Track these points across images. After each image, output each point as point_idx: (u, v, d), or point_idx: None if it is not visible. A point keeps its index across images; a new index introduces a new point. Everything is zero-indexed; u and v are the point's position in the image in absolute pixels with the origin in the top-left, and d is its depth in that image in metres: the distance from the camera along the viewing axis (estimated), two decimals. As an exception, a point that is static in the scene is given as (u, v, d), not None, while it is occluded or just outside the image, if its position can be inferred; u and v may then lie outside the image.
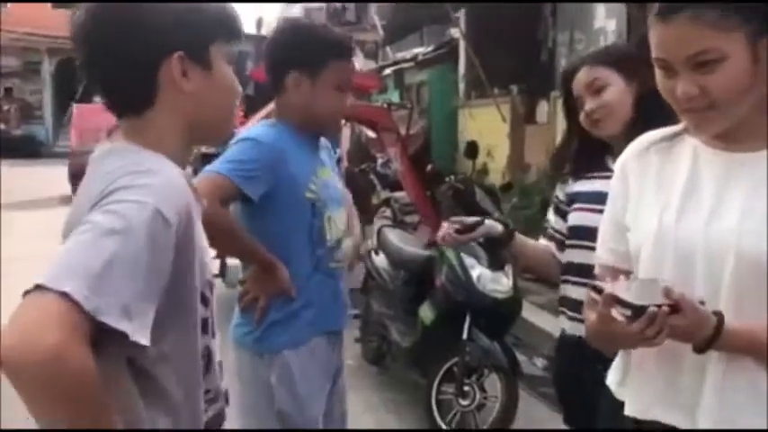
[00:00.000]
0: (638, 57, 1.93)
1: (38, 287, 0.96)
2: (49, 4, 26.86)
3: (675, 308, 1.18)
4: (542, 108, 8.28)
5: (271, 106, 2.79)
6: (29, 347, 0.93)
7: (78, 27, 1.18)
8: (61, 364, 0.94)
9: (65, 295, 0.95)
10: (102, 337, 1.00)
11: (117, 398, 1.08)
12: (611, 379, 1.46)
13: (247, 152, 1.92)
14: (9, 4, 26.53)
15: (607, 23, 7.12)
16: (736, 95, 1.22)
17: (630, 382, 1.38)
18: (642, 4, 6.32)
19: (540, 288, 6.07)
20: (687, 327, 1.19)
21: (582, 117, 1.95)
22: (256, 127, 2.11)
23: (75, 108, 9.05)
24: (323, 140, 2.16)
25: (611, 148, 1.94)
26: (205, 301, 1.20)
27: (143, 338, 1.02)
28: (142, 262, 1.02)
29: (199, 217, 1.20)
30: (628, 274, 1.37)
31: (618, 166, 1.47)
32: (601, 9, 7.17)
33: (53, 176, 13.26)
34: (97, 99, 1.34)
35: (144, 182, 1.08)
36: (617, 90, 1.92)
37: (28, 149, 22.74)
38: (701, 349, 1.22)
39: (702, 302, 1.21)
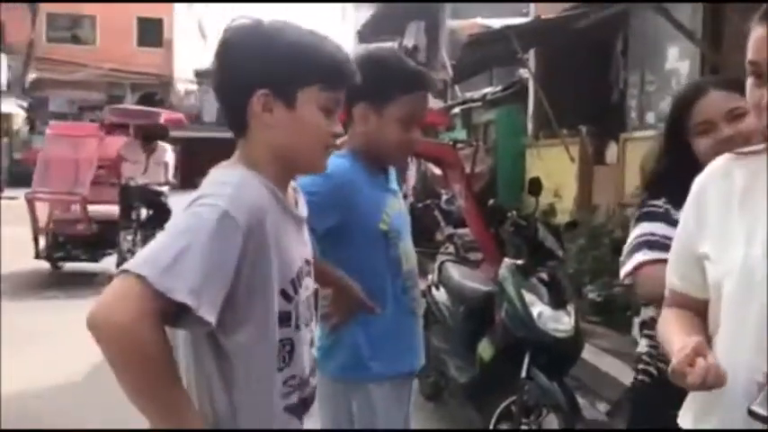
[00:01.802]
0: None
1: (123, 271, 1.20)
2: (134, 44, 28.20)
3: None
4: (612, 149, 8.16)
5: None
6: (106, 320, 1.17)
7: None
8: (131, 336, 1.16)
9: (141, 278, 1.18)
10: (185, 320, 1.22)
11: (198, 376, 1.34)
12: (686, 417, 1.39)
13: (317, 184, 1.93)
14: (98, 43, 28.00)
15: (680, 65, 7.01)
16: None
17: (712, 419, 1.31)
18: (717, 45, 6.21)
19: (604, 331, 5.93)
20: None
21: (707, 143, 1.81)
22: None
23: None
24: (391, 170, 2.18)
25: None
26: (287, 297, 1.38)
27: (209, 315, 1.21)
28: (210, 253, 1.22)
29: (289, 225, 1.41)
30: (697, 302, 1.34)
31: (695, 188, 1.40)
32: (674, 50, 7.07)
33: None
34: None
35: (221, 191, 1.29)
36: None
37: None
38: None
39: None
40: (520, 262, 3.80)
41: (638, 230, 1.90)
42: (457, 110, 13.48)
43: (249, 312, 1.31)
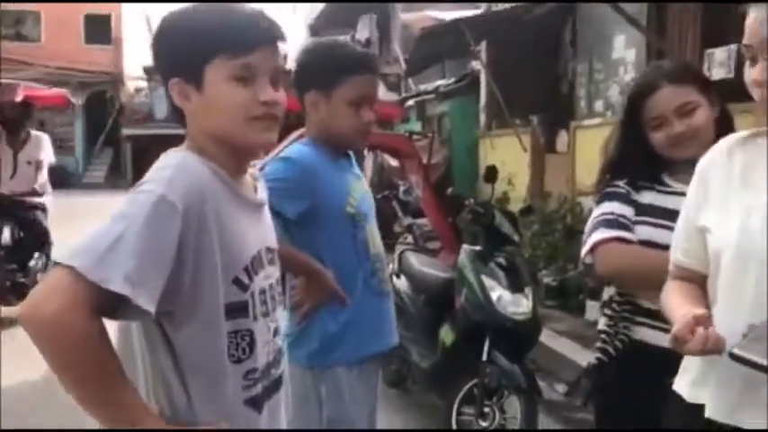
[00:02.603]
0: (707, 77, 1.93)
1: (56, 264, 1.16)
2: (82, 41, 27.55)
3: None
4: (562, 137, 8.33)
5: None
6: (35, 314, 1.14)
7: None
8: (61, 328, 1.13)
9: (72, 269, 1.14)
10: (126, 310, 1.18)
11: (153, 369, 1.29)
12: (682, 382, 1.45)
13: (281, 171, 1.97)
14: (43, 40, 27.26)
15: (626, 54, 7.19)
16: None
17: (710, 383, 1.36)
18: (662, 33, 6.40)
19: (560, 314, 6.08)
20: None
21: (660, 137, 1.88)
22: (290, 146, 2.16)
23: None
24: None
25: (666, 164, 1.90)
26: (242, 286, 1.32)
27: (147, 304, 1.17)
28: (146, 239, 1.18)
29: (241, 210, 1.35)
30: (699, 275, 1.41)
31: (699, 168, 1.47)
32: (620, 39, 7.25)
33: (82, 207, 13.50)
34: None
35: (159, 176, 1.26)
36: (706, 112, 1.87)
37: (58, 180, 23.12)
38: None
39: None
40: (478, 248, 3.89)
41: (598, 210, 1.96)
42: (411, 102, 13.57)
43: (196, 301, 1.26)
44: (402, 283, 4.62)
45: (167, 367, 1.28)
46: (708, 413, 1.36)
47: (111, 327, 1.25)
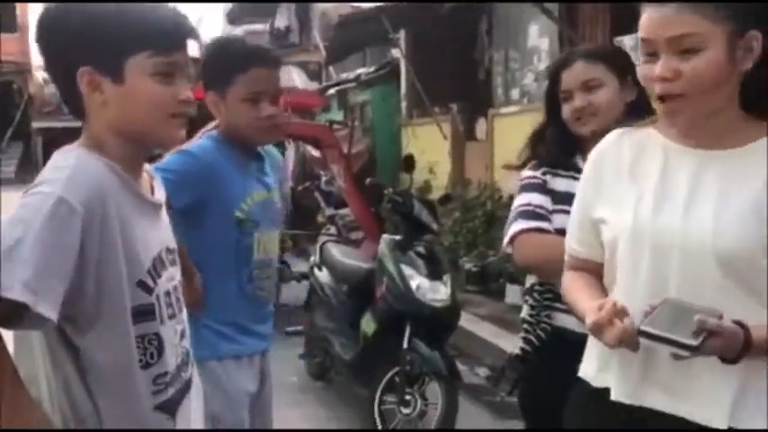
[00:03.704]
0: (629, 61, 1.95)
1: None
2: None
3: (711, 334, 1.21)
4: (481, 125, 8.47)
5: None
6: None
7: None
8: None
9: None
10: (26, 317, 1.12)
11: (56, 378, 1.24)
12: (588, 368, 1.49)
13: (176, 162, 1.94)
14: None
15: (540, 42, 7.36)
16: (708, 86, 1.29)
17: (614, 366, 1.41)
18: (574, 22, 6.57)
19: (481, 299, 6.20)
20: (722, 348, 1.24)
21: (567, 111, 1.94)
22: (199, 139, 2.12)
23: None
24: (278, 159, 2.16)
25: (582, 148, 1.92)
26: (147, 288, 1.29)
27: (48, 311, 1.13)
28: (45, 244, 1.13)
29: (141, 210, 1.32)
30: (595, 264, 1.45)
31: (591, 158, 1.51)
32: (534, 28, 7.41)
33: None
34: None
35: (56, 176, 1.20)
36: (611, 91, 1.91)
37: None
38: (731, 362, 1.27)
39: (721, 316, 1.24)
40: (398, 237, 3.92)
41: (518, 201, 2.00)
42: (332, 91, 13.50)
43: (101, 306, 1.23)
44: (324, 275, 4.61)
45: (71, 374, 1.24)
46: (613, 396, 1.41)
47: (8, 332, 1.19)
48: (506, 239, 1.98)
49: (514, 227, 1.95)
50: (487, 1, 7.65)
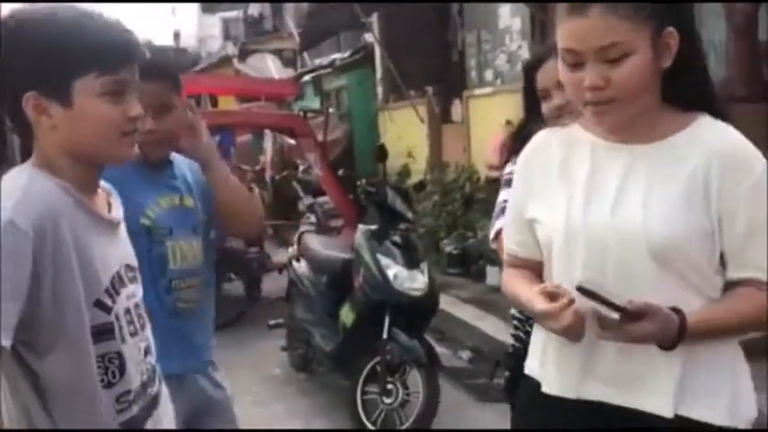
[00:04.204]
0: None
1: None
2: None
3: (639, 314, 1.24)
4: (457, 107, 8.45)
5: None
6: None
7: None
8: None
9: None
10: None
11: (15, 405, 1.22)
12: (532, 364, 1.51)
13: None
14: None
15: (512, 22, 7.34)
16: (637, 89, 1.30)
17: (555, 360, 1.43)
18: (544, 5, 6.55)
19: (462, 282, 6.22)
20: (655, 332, 1.26)
21: (546, 108, 1.95)
22: None
23: None
24: (193, 165, 2.02)
25: None
26: (105, 308, 1.28)
27: (2, 339, 1.12)
28: None
29: (97, 228, 1.30)
30: (534, 263, 1.47)
31: (521, 159, 1.53)
32: (505, 9, 7.39)
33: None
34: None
35: (6, 201, 1.18)
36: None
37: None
38: (668, 348, 1.29)
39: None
40: (373, 227, 3.92)
41: (501, 197, 2.02)
42: (307, 78, 13.40)
43: (59, 328, 1.21)
44: (302, 266, 4.61)
45: (30, 399, 1.23)
46: (550, 390, 1.43)
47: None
48: (491, 235, 2.00)
49: (497, 224, 1.97)
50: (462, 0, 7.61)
